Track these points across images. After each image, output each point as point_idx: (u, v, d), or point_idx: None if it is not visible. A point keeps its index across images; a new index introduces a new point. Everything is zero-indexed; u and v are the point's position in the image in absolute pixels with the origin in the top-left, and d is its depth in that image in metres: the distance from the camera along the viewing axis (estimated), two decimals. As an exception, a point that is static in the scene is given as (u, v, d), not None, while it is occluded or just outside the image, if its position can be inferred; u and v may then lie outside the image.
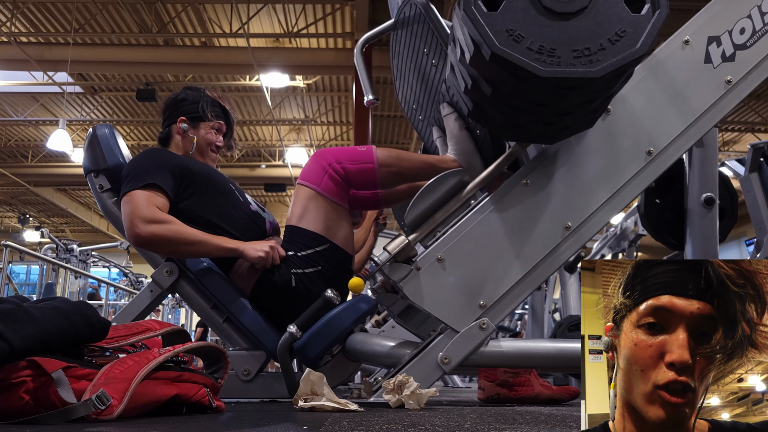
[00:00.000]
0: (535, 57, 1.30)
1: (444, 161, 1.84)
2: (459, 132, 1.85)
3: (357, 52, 2.05)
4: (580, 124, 1.53)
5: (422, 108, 2.11)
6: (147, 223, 1.69)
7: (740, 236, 13.15)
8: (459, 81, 1.50)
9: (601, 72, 1.30)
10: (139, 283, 9.41)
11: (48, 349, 1.03)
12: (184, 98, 2.04)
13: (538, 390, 2.01)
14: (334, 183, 1.77)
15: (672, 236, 2.66)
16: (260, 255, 1.74)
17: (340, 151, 1.84)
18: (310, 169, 1.82)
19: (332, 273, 1.77)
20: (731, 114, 5.49)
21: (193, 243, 1.72)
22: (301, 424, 1.03)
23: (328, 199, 1.77)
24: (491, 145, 1.80)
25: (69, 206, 16.16)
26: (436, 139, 2.02)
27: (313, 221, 1.78)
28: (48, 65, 9.41)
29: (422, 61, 1.94)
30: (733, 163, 3.81)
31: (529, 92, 1.36)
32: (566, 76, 1.30)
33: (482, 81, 1.39)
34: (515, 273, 1.62)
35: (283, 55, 9.37)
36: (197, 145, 2.01)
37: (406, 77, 2.11)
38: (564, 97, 1.36)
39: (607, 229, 5.32)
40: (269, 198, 16.72)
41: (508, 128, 1.53)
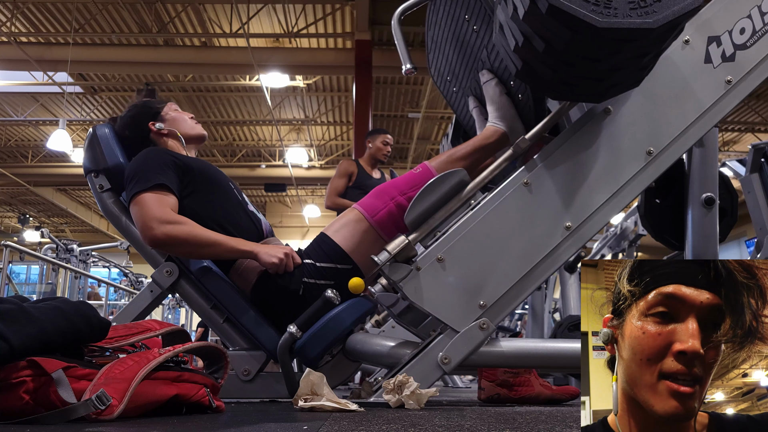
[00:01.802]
0: (592, 8, 1.30)
1: (487, 137, 1.86)
2: (500, 97, 1.85)
3: (395, 22, 2.01)
4: (628, 82, 1.53)
5: (457, 79, 2.10)
6: (162, 224, 1.68)
7: (740, 236, 13.16)
8: (509, 39, 1.49)
9: (657, 23, 1.30)
10: (139, 283, 9.41)
11: (48, 349, 1.03)
12: (133, 114, 2.01)
13: (538, 390, 2.01)
14: (389, 217, 1.78)
15: (672, 236, 2.66)
16: (274, 261, 1.73)
17: (399, 182, 1.85)
18: (369, 202, 1.83)
19: (342, 291, 1.71)
20: (731, 114, 5.49)
21: (208, 244, 1.71)
22: (301, 424, 1.03)
23: (374, 229, 1.79)
24: (532, 109, 1.80)
25: (69, 206, 16.16)
26: (472, 110, 2.02)
27: (348, 239, 1.79)
28: (48, 65, 9.41)
29: (462, 29, 1.93)
30: (734, 164, 3.81)
31: (584, 46, 1.36)
32: (624, 27, 1.30)
33: (535, 37, 1.39)
34: (515, 273, 1.62)
35: (283, 55, 9.38)
36: (182, 133, 2.00)
37: (442, 48, 2.10)
38: (618, 50, 1.36)
39: (607, 229, 5.32)
40: (269, 198, 16.73)
41: (557, 86, 1.52)
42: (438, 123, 12.10)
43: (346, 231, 1.80)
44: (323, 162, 13.89)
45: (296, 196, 15.85)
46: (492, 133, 1.85)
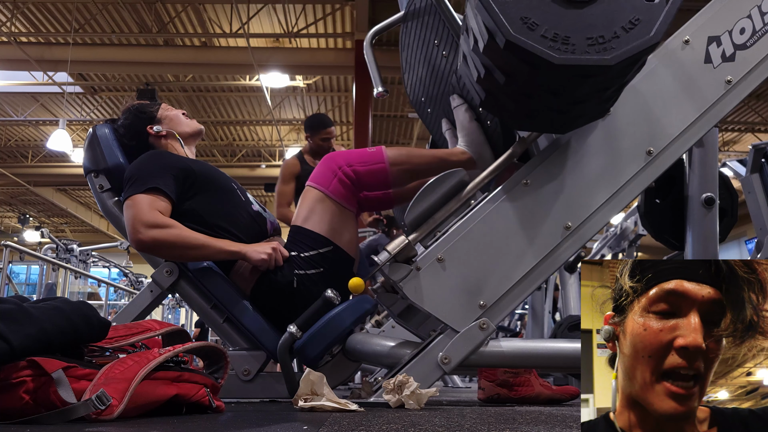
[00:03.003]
0: (550, 45, 1.30)
1: (454, 154, 1.84)
2: (469, 123, 1.85)
3: (367, 44, 2.04)
4: (592, 113, 1.53)
5: (431, 100, 2.11)
6: (149, 228, 1.69)
7: (740, 236, 13.16)
8: (471, 70, 1.50)
9: (615, 60, 1.30)
10: (139, 283, 9.40)
11: (48, 349, 1.03)
12: (130, 122, 2.00)
13: (538, 390, 2.01)
14: (343, 186, 1.78)
15: (672, 236, 2.66)
16: (263, 257, 1.74)
17: (350, 153, 1.84)
18: (319, 172, 1.82)
19: (334, 275, 1.77)
20: (731, 114, 5.48)
21: (195, 247, 1.72)
22: (301, 424, 1.03)
23: (336, 202, 1.78)
24: (501, 135, 1.80)
25: (69, 206, 16.15)
26: (446, 131, 2.02)
27: (319, 223, 1.78)
28: (48, 65, 9.40)
29: (432, 53, 1.94)
30: (735, 164, 3.80)
31: (543, 80, 1.36)
32: (581, 64, 1.30)
33: (495, 70, 1.39)
34: (515, 273, 1.62)
35: (283, 55, 9.37)
36: (180, 132, 2.00)
37: (416, 70, 2.11)
38: (578, 85, 1.36)
39: (607, 229, 5.32)
40: (269, 198, 16.72)
41: (521, 117, 1.53)
42: (438, 123, 12.09)
43: (314, 216, 1.79)
44: (323, 162, 13.88)
45: (296, 196, 15.85)
46: (459, 153, 1.85)
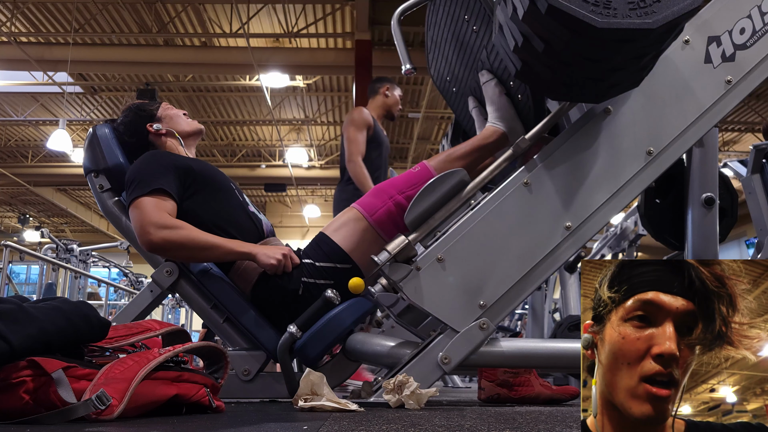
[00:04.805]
0: (591, 9, 1.30)
1: (487, 136, 1.86)
2: (499, 98, 1.85)
3: (394, 22, 2.01)
4: (627, 82, 1.53)
5: (457, 79, 2.10)
6: (159, 229, 1.68)
7: (740, 236, 13.15)
8: (508, 39, 1.48)
9: (657, 23, 1.30)
10: (139, 283, 9.40)
11: (48, 349, 1.03)
12: (130, 120, 2.00)
13: (538, 390, 2.01)
14: (388, 216, 1.78)
15: (672, 236, 2.66)
16: (272, 263, 1.73)
17: (397, 181, 1.85)
18: (367, 201, 1.83)
19: (342, 290, 1.70)
20: (731, 114, 5.48)
21: (205, 248, 1.71)
22: (301, 424, 1.03)
23: (373, 229, 1.78)
24: (532, 109, 1.80)
25: (69, 206, 16.15)
26: (472, 110, 2.01)
27: (347, 238, 1.79)
28: (48, 65, 9.40)
29: (462, 29, 1.93)
30: (735, 164, 3.80)
31: (583, 46, 1.36)
32: (623, 27, 1.30)
33: (534, 37, 1.39)
34: (515, 273, 1.62)
35: (283, 55, 9.37)
36: (179, 131, 2.00)
37: (442, 48, 2.10)
38: (617, 51, 1.36)
39: (607, 229, 5.32)
40: (269, 198, 16.72)
41: (557, 86, 1.52)
42: (438, 123, 12.09)
43: (345, 230, 1.80)
44: (323, 162, 13.89)
45: (296, 196, 15.85)
46: (491, 133, 1.85)
